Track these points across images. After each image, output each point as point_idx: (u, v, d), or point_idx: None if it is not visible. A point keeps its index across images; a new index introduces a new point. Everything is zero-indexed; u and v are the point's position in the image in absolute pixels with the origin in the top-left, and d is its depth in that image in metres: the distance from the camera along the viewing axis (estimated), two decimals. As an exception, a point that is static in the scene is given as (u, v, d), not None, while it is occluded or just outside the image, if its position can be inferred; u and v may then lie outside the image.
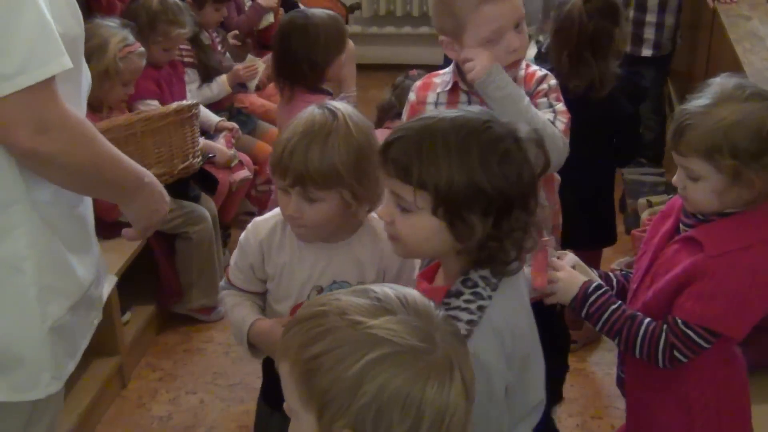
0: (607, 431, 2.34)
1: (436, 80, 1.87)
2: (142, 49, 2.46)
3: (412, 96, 1.89)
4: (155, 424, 2.47)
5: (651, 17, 3.31)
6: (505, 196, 1.25)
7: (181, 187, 2.66)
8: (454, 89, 1.79)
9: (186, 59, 3.06)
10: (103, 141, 1.36)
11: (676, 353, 1.50)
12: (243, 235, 1.65)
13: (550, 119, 1.75)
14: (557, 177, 1.92)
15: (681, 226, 1.58)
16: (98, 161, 1.35)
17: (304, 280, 1.61)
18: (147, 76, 2.66)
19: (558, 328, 2.16)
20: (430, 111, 1.82)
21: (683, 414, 1.61)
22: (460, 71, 1.78)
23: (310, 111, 1.55)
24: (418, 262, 1.61)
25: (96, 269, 1.57)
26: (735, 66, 2.60)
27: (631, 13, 3.26)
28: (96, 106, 2.38)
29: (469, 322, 1.26)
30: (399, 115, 2.74)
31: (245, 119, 3.26)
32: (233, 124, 3.02)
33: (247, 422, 2.31)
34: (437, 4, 1.81)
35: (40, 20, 1.19)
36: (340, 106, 1.58)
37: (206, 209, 2.77)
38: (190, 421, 2.47)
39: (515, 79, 1.77)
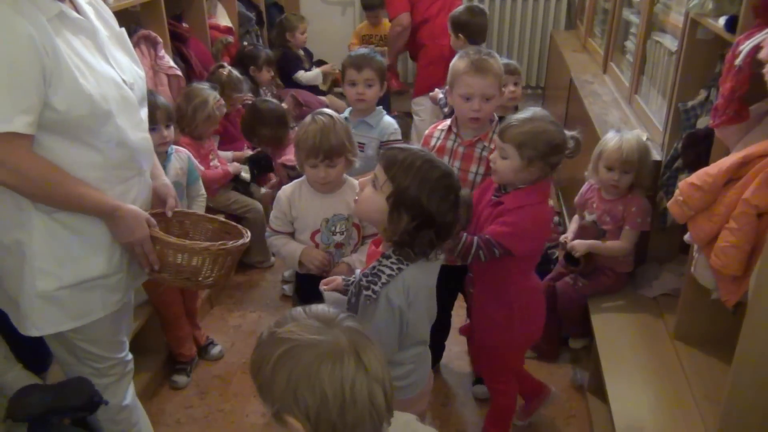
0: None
1: (440, 126, 2.24)
2: (223, 102, 3.08)
3: (426, 131, 2.25)
4: (231, 330, 2.97)
5: None
6: (431, 217, 1.41)
7: (242, 188, 3.30)
8: (449, 131, 2.18)
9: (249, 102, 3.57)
10: (61, 183, 1.46)
11: (480, 253, 1.85)
12: (276, 196, 2.06)
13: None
14: None
15: (493, 198, 1.96)
16: (53, 195, 1.48)
17: (315, 216, 1.99)
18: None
19: (459, 284, 2.41)
20: (431, 143, 2.17)
21: (507, 310, 2.00)
22: (456, 123, 2.14)
23: (314, 116, 1.87)
24: None
25: (121, 266, 1.66)
26: (583, 112, 3.08)
27: None
28: (197, 137, 2.99)
29: (389, 276, 1.45)
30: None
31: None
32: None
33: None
34: (450, 67, 2.07)
35: None
36: (326, 111, 1.94)
37: (258, 201, 3.33)
38: (251, 328, 2.99)
39: (482, 130, 2.07)
